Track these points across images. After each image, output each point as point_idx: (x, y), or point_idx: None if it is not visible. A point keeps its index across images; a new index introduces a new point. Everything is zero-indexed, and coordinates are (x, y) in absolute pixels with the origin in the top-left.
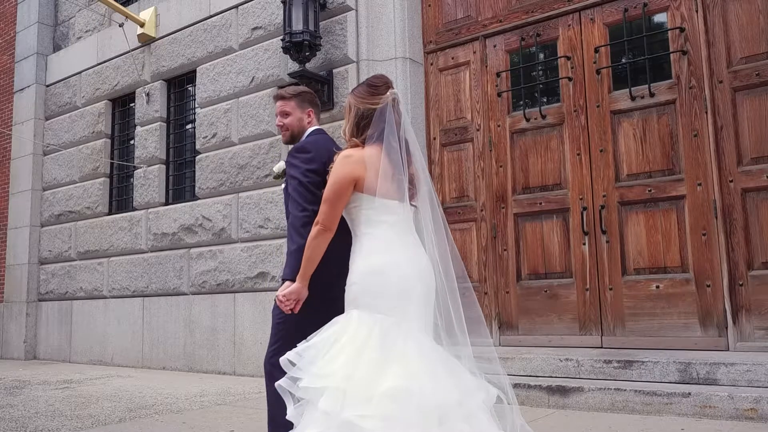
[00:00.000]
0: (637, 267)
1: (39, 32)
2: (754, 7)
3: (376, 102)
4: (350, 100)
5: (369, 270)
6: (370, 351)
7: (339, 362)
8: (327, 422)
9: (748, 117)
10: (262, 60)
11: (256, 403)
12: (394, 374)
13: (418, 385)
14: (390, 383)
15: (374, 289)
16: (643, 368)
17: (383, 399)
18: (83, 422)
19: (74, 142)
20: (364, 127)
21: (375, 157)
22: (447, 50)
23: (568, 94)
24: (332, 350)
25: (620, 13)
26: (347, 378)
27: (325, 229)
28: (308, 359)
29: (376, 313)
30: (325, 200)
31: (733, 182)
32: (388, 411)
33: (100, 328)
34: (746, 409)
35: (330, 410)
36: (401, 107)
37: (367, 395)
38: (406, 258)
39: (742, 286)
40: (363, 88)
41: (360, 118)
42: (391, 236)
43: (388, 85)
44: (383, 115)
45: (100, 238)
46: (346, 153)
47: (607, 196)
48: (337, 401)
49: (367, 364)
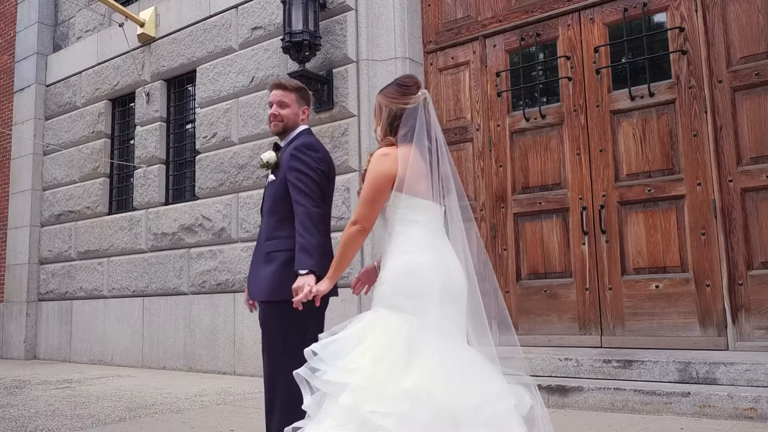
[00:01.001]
0: (637, 267)
1: (39, 32)
2: (753, 6)
3: (408, 101)
4: (380, 100)
5: (401, 270)
6: (396, 351)
7: (365, 359)
8: (346, 417)
9: (748, 117)
10: (262, 60)
11: (256, 403)
12: (415, 375)
13: (437, 387)
14: (409, 383)
15: (405, 289)
16: (643, 368)
17: (401, 398)
18: (83, 422)
19: (74, 141)
20: (397, 127)
21: (409, 156)
22: (447, 50)
23: (567, 94)
24: (360, 347)
25: (620, 12)
26: (371, 376)
27: (364, 230)
28: (334, 353)
29: (405, 313)
30: (366, 200)
31: (733, 182)
32: (405, 410)
33: (100, 327)
34: (745, 409)
35: (351, 405)
36: (431, 107)
37: (387, 393)
38: (439, 259)
39: (741, 285)
40: (393, 88)
41: (393, 117)
42: (424, 236)
43: (419, 84)
44: (415, 115)
45: (100, 238)
46: (383, 151)
47: (606, 195)
48: (359, 397)
49: (392, 364)
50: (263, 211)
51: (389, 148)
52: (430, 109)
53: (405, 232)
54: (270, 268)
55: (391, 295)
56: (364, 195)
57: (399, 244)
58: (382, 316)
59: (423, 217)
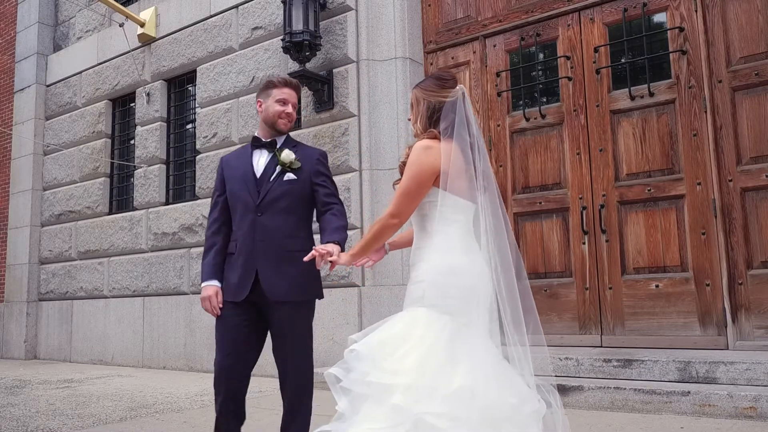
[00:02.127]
0: (637, 266)
1: (39, 32)
2: (753, 6)
3: (447, 95)
4: (417, 93)
5: (441, 269)
6: (440, 351)
7: (410, 360)
8: (398, 417)
9: (747, 116)
10: (263, 60)
11: (257, 402)
12: (461, 375)
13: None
14: (458, 383)
15: (445, 289)
16: (643, 367)
17: (453, 398)
18: (84, 421)
19: (74, 141)
20: (436, 120)
21: (451, 152)
22: (447, 50)
23: (567, 94)
24: (402, 347)
25: (620, 12)
26: (419, 376)
27: (399, 223)
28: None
29: (445, 313)
30: (405, 192)
31: (733, 181)
32: (456, 410)
33: (100, 327)
34: (745, 408)
35: (403, 405)
36: (468, 102)
37: (438, 394)
38: (476, 261)
39: (741, 285)
40: (431, 81)
41: (432, 111)
42: (461, 237)
43: (456, 79)
44: (454, 109)
45: (101, 238)
46: (427, 144)
47: (606, 195)
48: (410, 398)
49: (438, 365)
50: (272, 207)
51: (432, 141)
52: (467, 104)
53: (444, 231)
54: (296, 267)
55: (430, 294)
56: (406, 188)
57: (438, 243)
58: (421, 315)
59: (462, 217)
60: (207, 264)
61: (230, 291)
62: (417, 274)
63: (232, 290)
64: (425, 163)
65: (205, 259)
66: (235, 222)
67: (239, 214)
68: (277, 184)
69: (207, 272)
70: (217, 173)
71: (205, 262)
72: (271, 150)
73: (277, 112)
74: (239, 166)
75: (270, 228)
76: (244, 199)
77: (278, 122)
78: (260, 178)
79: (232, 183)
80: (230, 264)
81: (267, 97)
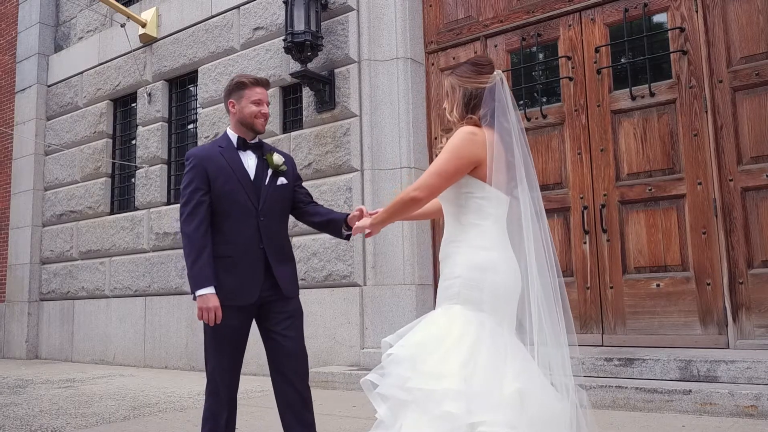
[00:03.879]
0: (638, 265)
1: (40, 32)
2: (753, 7)
3: (484, 81)
4: (452, 80)
5: (478, 265)
6: (484, 351)
7: (453, 362)
8: (450, 424)
9: (748, 116)
10: (264, 60)
11: (259, 401)
12: (510, 378)
13: (529, 391)
14: (512, 388)
15: (482, 285)
16: (644, 366)
17: (508, 405)
18: (87, 420)
19: (76, 142)
20: (473, 107)
21: (492, 142)
22: (448, 50)
23: (568, 94)
24: (442, 347)
25: (620, 13)
26: (467, 379)
27: (423, 201)
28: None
29: (482, 311)
30: (440, 172)
31: (733, 181)
32: (513, 419)
33: (101, 327)
34: (747, 406)
35: (456, 412)
36: (507, 88)
37: (492, 401)
38: (510, 256)
39: (742, 284)
40: (467, 67)
41: (469, 97)
42: (497, 231)
43: (493, 65)
44: (493, 95)
45: (102, 238)
46: (471, 130)
47: (607, 195)
48: (462, 403)
49: (483, 366)
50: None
51: (476, 128)
52: (506, 89)
53: (479, 224)
54: (291, 267)
55: (465, 290)
56: (442, 167)
57: (472, 237)
58: (457, 313)
59: (498, 211)
60: (203, 267)
61: (231, 295)
62: (451, 270)
63: (234, 294)
64: (468, 149)
65: (197, 262)
66: (227, 225)
67: (234, 218)
68: (272, 188)
69: (206, 277)
70: (194, 169)
71: (200, 265)
72: (257, 152)
73: (252, 112)
74: (226, 166)
75: (272, 231)
76: (243, 203)
77: (255, 123)
78: (255, 182)
79: (223, 184)
80: (224, 268)
81: (240, 98)
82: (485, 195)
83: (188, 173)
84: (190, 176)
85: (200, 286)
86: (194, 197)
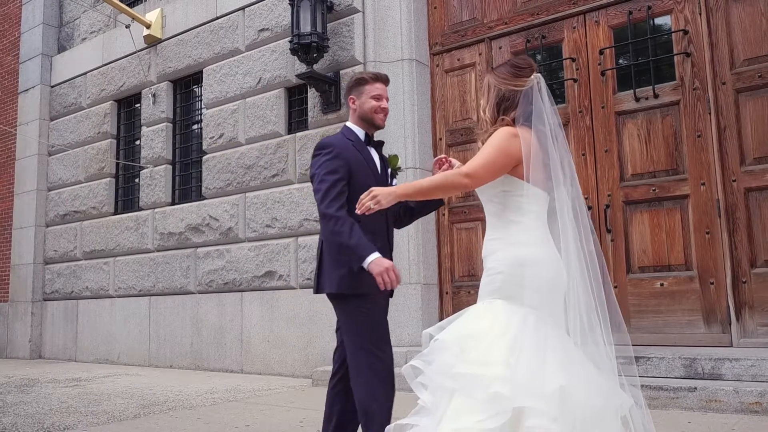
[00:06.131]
0: (642, 265)
1: (44, 33)
2: (756, 9)
3: (520, 84)
4: (490, 79)
5: (519, 261)
6: (527, 345)
7: (498, 351)
8: (497, 407)
9: (751, 118)
10: (269, 61)
11: (267, 400)
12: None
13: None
14: (554, 384)
15: (524, 281)
16: (649, 364)
17: (553, 398)
18: (99, 418)
19: (79, 142)
20: (505, 109)
21: (529, 142)
22: (453, 52)
23: (573, 96)
24: (487, 338)
25: (625, 15)
26: (511, 368)
27: (470, 186)
28: (459, 346)
29: (525, 306)
30: (488, 165)
31: (736, 182)
32: (557, 412)
33: (106, 327)
34: (751, 403)
35: (505, 393)
36: (545, 91)
37: (536, 391)
38: (552, 252)
39: (745, 283)
40: (506, 68)
41: (501, 99)
42: (537, 228)
43: (533, 68)
44: (529, 98)
45: (106, 238)
46: (513, 131)
47: (612, 195)
48: (508, 388)
49: (528, 357)
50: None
51: (515, 128)
52: (544, 93)
53: (520, 221)
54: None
55: (507, 285)
56: (491, 160)
57: (514, 234)
58: (500, 307)
59: (538, 208)
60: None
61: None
62: (494, 265)
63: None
64: (513, 147)
65: (353, 234)
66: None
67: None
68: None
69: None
70: (337, 159)
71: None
72: (378, 149)
73: (373, 107)
74: (362, 161)
75: (391, 230)
76: None
77: (375, 117)
78: (383, 179)
79: (361, 179)
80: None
81: (360, 93)
82: (524, 193)
83: (330, 161)
84: (334, 165)
85: (366, 253)
86: (338, 186)
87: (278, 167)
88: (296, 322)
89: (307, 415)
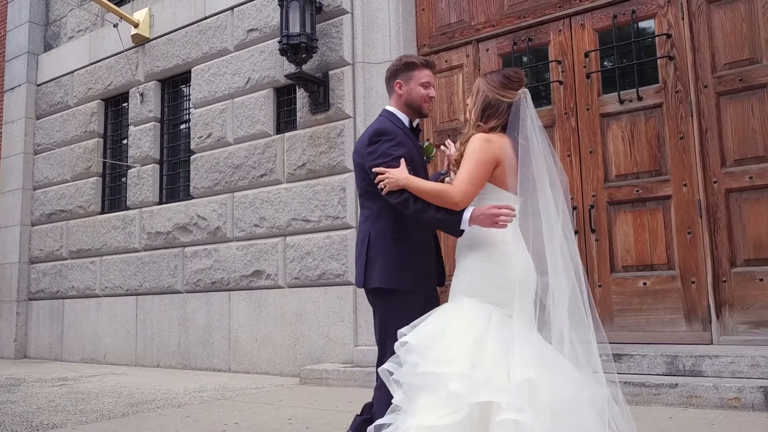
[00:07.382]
0: (626, 264)
1: (30, 31)
2: (737, 15)
3: (507, 96)
4: (480, 84)
5: (489, 260)
6: (490, 340)
7: (460, 349)
8: (455, 404)
9: (732, 120)
10: (258, 61)
11: (255, 398)
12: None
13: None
14: (522, 376)
15: (493, 280)
16: (632, 361)
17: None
18: (87, 416)
19: (66, 141)
20: (488, 117)
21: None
22: (441, 53)
23: (558, 97)
24: (450, 336)
25: (609, 19)
26: (473, 365)
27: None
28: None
29: (491, 303)
30: (471, 179)
31: (717, 183)
32: (521, 403)
33: (92, 326)
34: (730, 399)
35: (462, 392)
36: (530, 104)
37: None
38: (523, 252)
39: (725, 282)
40: (498, 77)
41: (487, 105)
42: (510, 228)
43: (522, 82)
44: (516, 113)
45: (93, 237)
46: (487, 137)
47: (596, 196)
48: (467, 385)
49: (490, 354)
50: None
51: (491, 135)
52: (529, 105)
53: None
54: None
55: (475, 284)
56: (472, 174)
57: (485, 234)
58: (467, 305)
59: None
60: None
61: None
62: (464, 263)
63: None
64: (490, 155)
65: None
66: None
67: None
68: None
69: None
70: (396, 144)
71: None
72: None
73: (422, 95)
74: (413, 148)
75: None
76: None
77: (423, 106)
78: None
79: (415, 165)
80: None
81: (408, 79)
82: (496, 196)
83: (395, 147)
84: (400, 152)
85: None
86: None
87: (266, 167)
88: (284, 321)
89: (296, 412)
